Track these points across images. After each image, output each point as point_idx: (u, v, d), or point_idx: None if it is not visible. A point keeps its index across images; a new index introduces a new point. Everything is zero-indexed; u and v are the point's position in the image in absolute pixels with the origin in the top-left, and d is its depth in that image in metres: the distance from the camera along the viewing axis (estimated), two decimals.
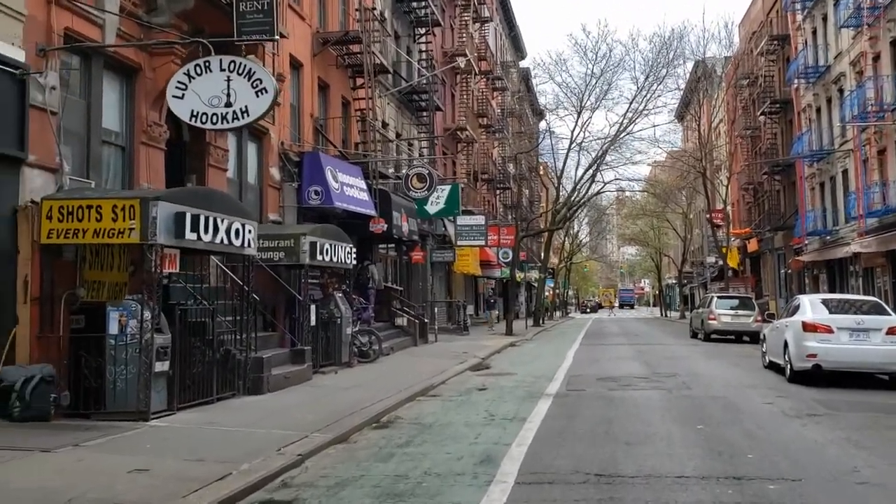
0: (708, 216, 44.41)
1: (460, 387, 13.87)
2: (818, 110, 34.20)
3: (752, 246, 46.05)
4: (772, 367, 15.62)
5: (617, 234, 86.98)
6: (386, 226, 20.60)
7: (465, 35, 37.71)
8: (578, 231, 70.89)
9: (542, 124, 53.82)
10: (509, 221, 45.13)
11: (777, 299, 39.89)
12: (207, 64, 9.57)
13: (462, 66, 37.54)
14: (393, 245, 26.65)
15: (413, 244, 27.56)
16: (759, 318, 25.40)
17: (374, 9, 22.65)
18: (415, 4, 27.69)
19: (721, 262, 43.46)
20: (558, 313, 72.12)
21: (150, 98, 11.93)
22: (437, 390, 13.40)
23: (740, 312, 26.29)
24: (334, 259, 14.87)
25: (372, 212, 18.75)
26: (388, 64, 22.66)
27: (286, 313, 14.57)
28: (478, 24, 43.88)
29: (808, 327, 13.28)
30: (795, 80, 36.56)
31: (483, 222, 31.75)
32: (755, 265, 47.82)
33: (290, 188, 16.87)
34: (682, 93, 47.75)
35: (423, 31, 29.01)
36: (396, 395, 12.19)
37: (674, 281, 77.57)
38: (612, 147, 41.34)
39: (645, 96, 41.05)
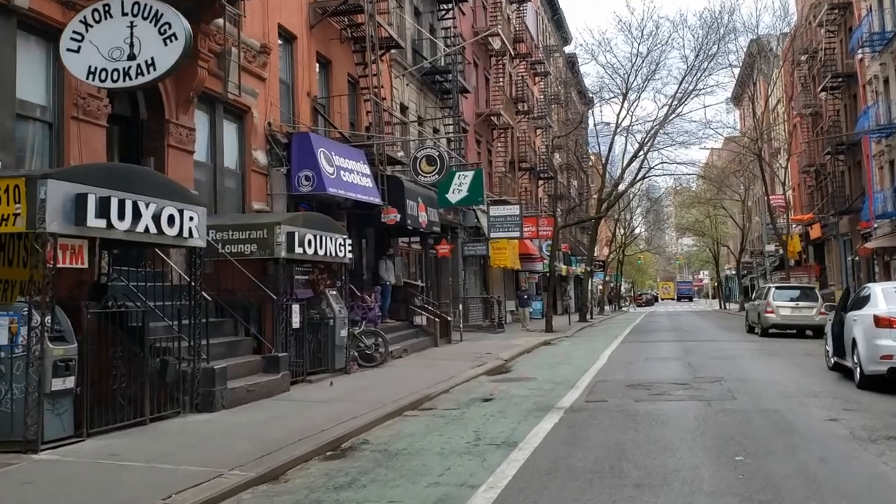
0: (767, 201, 41.40)
1: (463, 397, 11.85)
2: (885, 81, 31.05)
3: (815, 232, 42.81)
4: (838, 368, 13.20)
5: (673, 225, 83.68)
6: (399, 216, 18.64)
7: (498, 15, 35.50)
8: (631, 221, 68.05)
9: (597, 111, 51.41)
10: (551, 213, 42.84)
11: (844, 289, 36.75)
12: (107, 8, 7.73)
13: (497, 47, 35.45)
14: (417, 238, 24.73)
15: (439, 236, 25.58)
16: (824, 310, 22.73)
17: None
18: None
19: (781, 251, 40.45)
20: (610, 307, 69.44)
21: None
22: (435, 401, 11.40)
23: (801, 304, 23.59)
24: (320, 252, 12.95)
25: (376, 200, 16.79)
26: (400, 38, 20.66)
27: (265, 315, 12.70)
28: (514, 5, 41.62)
29: (881, 322, 10.87)
30: (859, 51, 33.38)
31: (518, 212, 29.58)
32: (819, 253, 44.53)
33: (278, 174, 15.05)
34: (737, 72, 44.71)
35: (447, 7, 26.92)
36: (380, 409, 10.24)
37: (733, 272, 73.99)
38: (661, 130, 38.78)
39: (695, 75, 38.39)
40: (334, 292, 14.31)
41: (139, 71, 7.53)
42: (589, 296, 51.62)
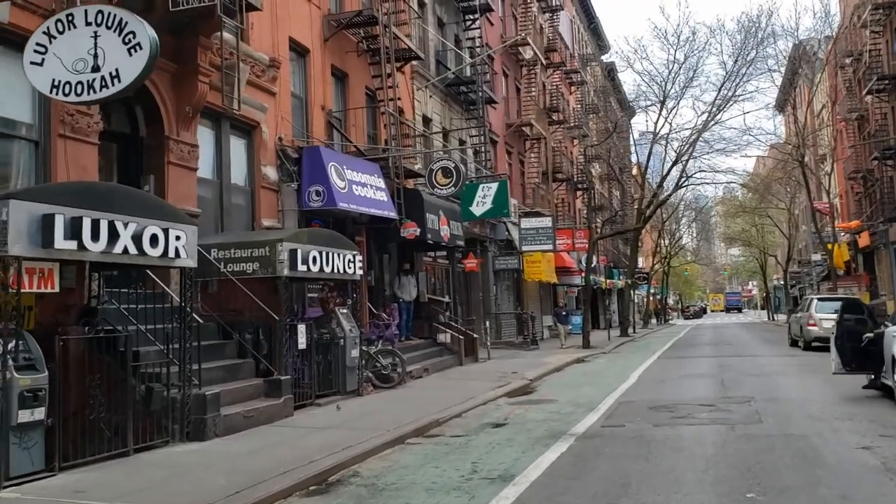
0: (811, 208, 39.96)
1: (475, 421, 11.22)
2: None
3: (864, 240, 41.16)
4: (880, 386, 12.25)
5: (718, 235, 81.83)
6: (418, 230, 18.12)
7: (528, 25, 34.94)
8: (676, 232, 66.67)
9: (635, 121, 50.34)
10: (590, 225, 41.94)
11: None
12: (71, 18, 7.36)
13: (528, 56, 34.89)
14: (444, 253, 24.20)
15: (466, 250, 25.00)
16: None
17: None
18: None
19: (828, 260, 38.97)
20: (655, 321, 67.99)
21: None
22: (443, 427, 10.80)
23: None
24: (327, 269, 12.46)
25: (391, 214, 16.29)
26: (420, 50, 20.22)
27: (272, 336, 12.22)
28: (547, 14, 41.04)
29: None
30: None
31: (550, 224, 28.82)
32: (869, 262, 42.81)
33: (289, 190, 14.66)
34: (777, 77, 43.39)
35: (473, 17, 26.45)
36: (381, 436, 9.69)
37: (781, 282, 71.96)
38: (699, 138, 37.74)
39: (734, 81, 37.33)
40: (345, 311, 13.83)
41: (103, 83, 7.15)
42: (631, 309, 50.50)
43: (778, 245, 66.51)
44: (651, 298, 74.21)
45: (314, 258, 12.12)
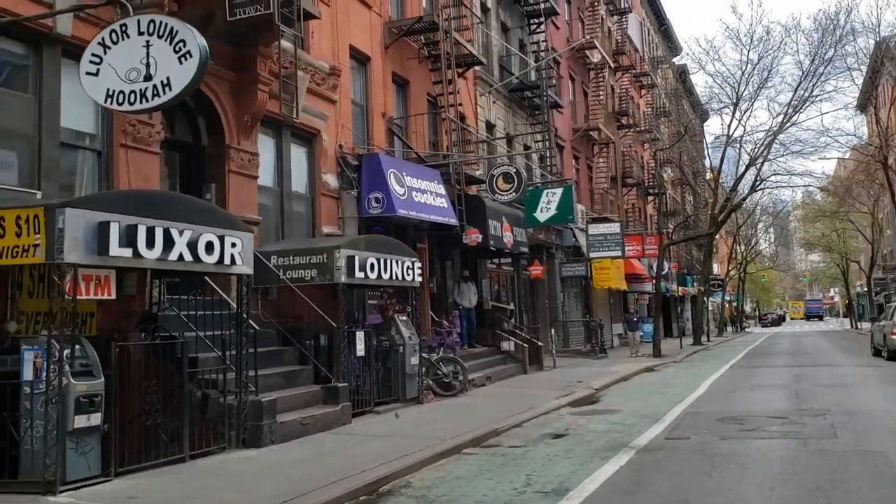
0: None
1: (535, 432, 10.96)
2: None
3: None
4: None
5: (797, 240, 79.21)
6: (480, 236, 17.94)
7: (595, 27, 34.45)
8: (752, 237, 64.76)
9: (707, 125, 49.03)
10: (662, 230, 41.06)
11: None
12: (124, 28, 7.44)
13: (595, 60, 34.40)
14: (508, 260, 23.95)
15: (531, 257, 24.69)
16: None
17: None
18: None
19: None
20: (731, 329, 66.18)
21: None
22: (501, 437, 10.57)
23: None
24: (385, 276, 12.40)
25: (452, 220, 16.15)
26: (482, 55, 20.07)
27: (328, 343, 12.21)
28: (616, 17, 40.43)
29: None
30: None
31: (618, 230, 28.27)
32: None
33: (349, 197, 14.67)
34: (861, 77, 41.62)
35: (538, 21, 26.18)
36: (436, 446, 9.54)
37: (865, 289, 69.12)
38: (775, 140, 36.50)
39: (811, 81, 35.99)
40: (404, 318, 13.75)
41: (155, 92, 7.21)
42: (705, 317, 49.14)
43: (861, 250, 63.89)
44: (727, 306, 72.27)
45: (372, 265, 12.07)
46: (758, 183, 37.63)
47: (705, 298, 45.76)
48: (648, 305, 44.15)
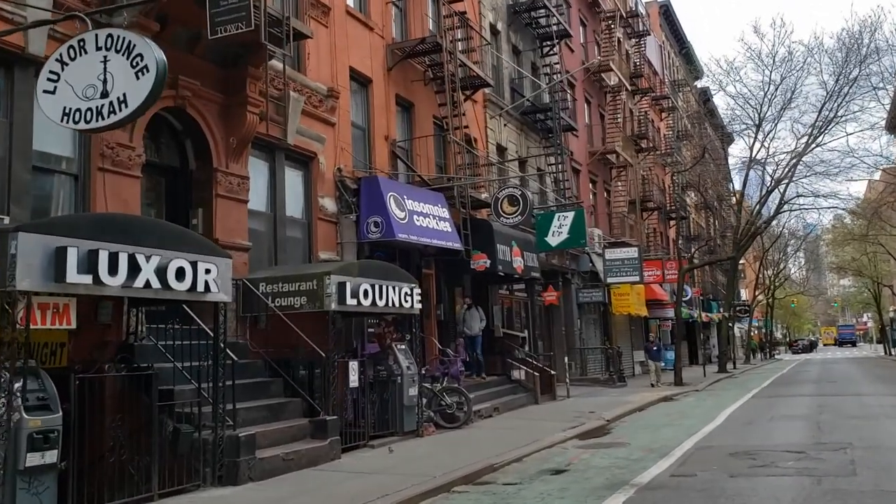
0: None
1: (533, 467, 10.35)
2: None
3: None
4: None
5: (826, 265, 77.52)
6: (488, 261, 17.42)
7: (611, 50, 34.01)
8: (780, 262, 63.41)
9: (732, 147, 48.14)
10: (684, 254, 40.25)
11: None
12: (82, 43, 7.07)
13: (612, 83, 33.94)
14: (523, 286, 23.37)
15: (545, 283, 24.10)
16: None
17: (461, 13, 19.86)
18: (534, 14, 24.59)
19: None
20: (760, 355, 64.72)
21: None
22: (497, 473, 9.98)
23: None
24: (380, 303, 11.90)
25: (455, 244, 15.65)
26: (489, 77, 19.67)
27: (319, 374, 11.70)
28: (633, 40, 40.00)
29: None
30: None
31: (636, 255, 27.58)
32: None
33: (348, 221, 14.25)
34: (887, 96, 40.67)
35: (550, 44, 25.79)
36: (425, 483, 9.00)
37: None
38: (800, 161, 35.66)
39: (836, 102, 35.19)
40: (403, 346, 13.23)
41: (111, 109, 6.82)
42: (730, 343, 47.96)
43: (893, 274, 62.40)
44: (755, 332, 70.74)
45: (365, 291, 11.60)
46: (782, 206, 36.74)
47: (730, 325, 44.67)
48: (672, 332, 43.20)
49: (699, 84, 55.34)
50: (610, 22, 34.75)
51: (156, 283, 7.92)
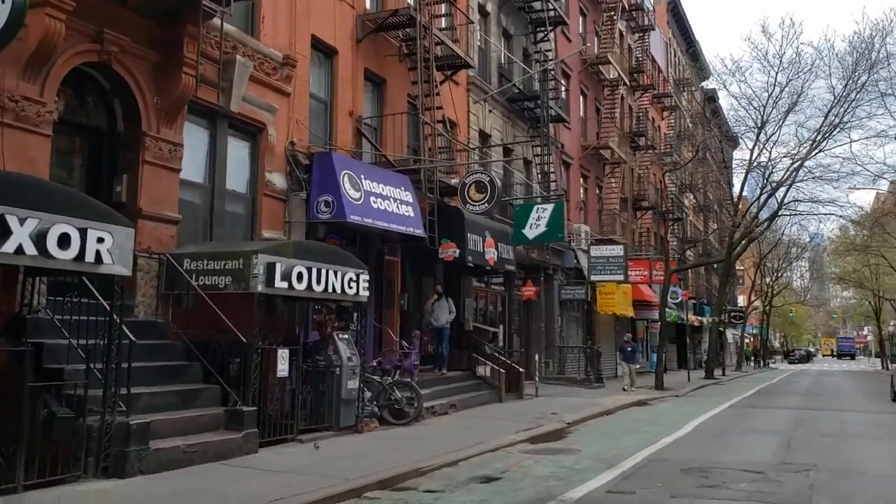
0: None
1: (465, 473, 9.46)
2: None
3: None
4: None
5: (827, 275, 76.33)
6: (458, 251, 16.52)
7: (612, 43, 32.99)
8: (779, 269, 62.27)
9: (737, 151, 46.94)
10: (676, 255, 39.27)
11: None
12: None
13: (611, 76, 32.94)
14: (501, 279, 22.45)
15: (525, 277, 23.21)
16: None
17: None
18: None
19: None
20: (752, 363, 63.74)
21: (18, 62, 8.88)
22: (423, 478, 9.10)
23: None
24: (317, 288, 11.00)
25: (417, 231, 14.70)
26: (467, 55, 18.63)
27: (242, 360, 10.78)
28: (637, 35, 38.94)
29: None
30: None
31: (622, 253, 26.64)
32: None
33: (298, 199, 13.34)
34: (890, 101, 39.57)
35: (544, 30, 24.79)
36: (335, 486, 8.14)
37: None
38: (802, 165, 34.57)
39: (843, 107, 34.05)
40: (346, 336, 12.34)
41: None
42: (722, 349, 47.03)
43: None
44: (750, 339, 69.71)
45: (300, 274, 10.69)
46: (779, 210, 35.72)
47: (721, 329, 43.72)
48: (660, 334, 42.27)
49: (705, 85, 54.21)
50: (612, 13, 33.69)
51: (31, 250, 7.06)
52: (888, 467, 10.27)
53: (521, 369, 19.17)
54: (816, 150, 34.22)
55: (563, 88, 27.56)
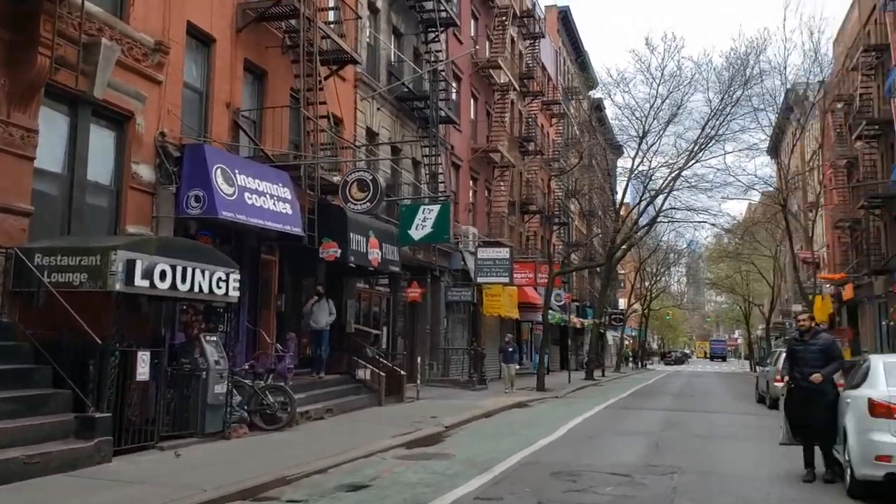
0: (793, 257, 38.21)
1: (334, 481, 9.16)
2: None
3: (848, 293, 39.30)
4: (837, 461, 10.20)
5: (702, 280, 79.85)
6: (339, 251, 16.15)
7: (503, 48, 33.32)
8: (658, 273, 64.60)
9: (620, 160, 48.36)
10: (560, 258, 40.02)
11: None
12: None
13: (501, 81, 33.23)
14: (386, 280, 22.21)
15: (411, 279, 23.05)
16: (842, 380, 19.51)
17: None
18: None
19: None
20: (632, 365, 65.95)
21: None
22: (288, 487, 8.74)
23: None
24: (182, 287, 10.44)
25: (294, 229, 14.24)
26: (357, 53, 18.38)
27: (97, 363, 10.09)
28: (528, 42, 39.51)
29: (878, 409, 8.01)
30: None
31: (507, 256, 26.88)
32: (853, 316, 40.91)
33: (167, 193, 12.67)
34: (765, 117, 41.58)
35: (435, 31, 24.70)
36: (190, 498, 7.69)
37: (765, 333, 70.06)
38: (679, 175, 35.86)
39: (719, 120, 35.53)
40: (214, 338, 11.79)
41: None
42: (602, 350, 48.38)
43: (765, 294, 64.68)
44: (630, 341, 72.09)
45: (163, 273, 10.12)
46: (657, 216, 36.99)
47: (602, 332, 44.92)
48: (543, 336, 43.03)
49: (593, 95, 55.61)
50: (504, 18, 34.06)
51: None
52: (751, 469, 10.58)
53: (402, 372, 18.97)
54: (693, 161, 35.58)
55: (453, 90, 27.60)
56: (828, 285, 42.88)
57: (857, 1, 37.66)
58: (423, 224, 19.48)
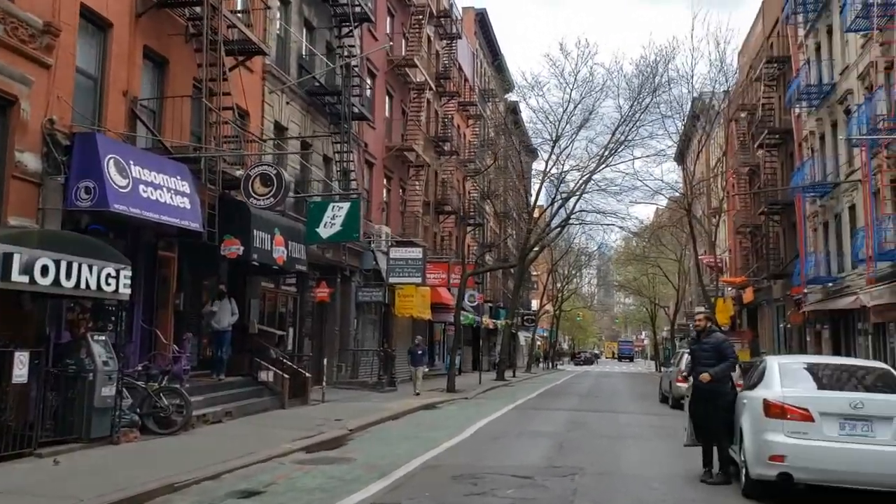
0: (696, 260, 39.37)
1: (225, 487, 8.75)
2: (822, 138, 29.26)
3: (748, 296, 40.75)
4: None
5: (611, 282, 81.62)
6: (241, 249, 15.61)
7: (419, 47, 33.13)
8: (568, 274, 65.62)
9: (535, 163, 48.84)
10: (475, 259, 40.13)
11: None
12: None
13: (417, 80, 33.03)
14: (293, 279, 21.70)
15: (320, 278, 22.57)
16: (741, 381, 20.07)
17: None
18: None
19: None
20: (543, 365, 66.82)
21: None
22: (175, 496, 8.32)
23: None
24: (67, 283, 9.86)
25: (193, 224, 13.64)
26: (265, 44, 17.84)
27: None
28: (445, 42, 39.44)
29: (772, 410, 8.12)
30: (796, 106, 31.71)
31: (420, 256, 26.68)
32: (752, 318, 42.44)
33: (55, 184, 11.93)
34: (672, 125, 42.72)
35: (349, 26, 24.28)
36: None
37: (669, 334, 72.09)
38: (591, 179, 36.43)
39: (629, 126, 36.24)
40: (102, 337, 11.17)
41: None
42: (515, 351, 48.75)
43: (670, 296, 66.53)
44: (541, 342, 73.07)
45: (44, 268, 9.53)
46: (568, 219, 37.50)
47: (515, 332, 45.27)
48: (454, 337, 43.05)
49: (509, 97, 56.02)
50: (420, 17, 33.86)
51: None
52: (645, 469, 10.65)
53: (307, 374, 18.52)
54: (604, 165, 36.19)
55: (367, 87, 27.24)
56: (729, 288, 44.38)
57: (762, 13, 39.08)
58: (332, 222, 19.04)
